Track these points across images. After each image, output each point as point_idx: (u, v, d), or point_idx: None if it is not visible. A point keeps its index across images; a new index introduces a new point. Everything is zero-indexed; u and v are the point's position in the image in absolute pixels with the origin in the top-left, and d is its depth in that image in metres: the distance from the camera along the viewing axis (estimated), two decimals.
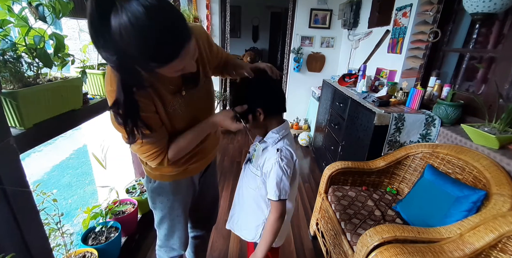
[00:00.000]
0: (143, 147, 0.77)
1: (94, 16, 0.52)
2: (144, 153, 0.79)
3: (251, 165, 0.96)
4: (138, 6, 0.50)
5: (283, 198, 0.84)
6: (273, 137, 0.88)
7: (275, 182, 0.83)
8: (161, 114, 0.78)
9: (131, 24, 0.50)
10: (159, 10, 0.52)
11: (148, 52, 0.55)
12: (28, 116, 0.74)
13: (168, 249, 1.12)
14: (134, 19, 0.50)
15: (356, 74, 2.44)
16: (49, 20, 0.77)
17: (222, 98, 3.67)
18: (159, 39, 0.54)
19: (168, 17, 0.54)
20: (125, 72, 0.61)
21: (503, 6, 1.24)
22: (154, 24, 0.52)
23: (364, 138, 1.73)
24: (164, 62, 0.59)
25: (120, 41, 0.53)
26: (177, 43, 0.57)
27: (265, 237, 0.88)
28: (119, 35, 0.52)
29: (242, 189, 1.03)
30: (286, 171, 0.83)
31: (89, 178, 2.91)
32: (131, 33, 0.51)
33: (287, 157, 0.85)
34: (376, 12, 2.51)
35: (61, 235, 1.15)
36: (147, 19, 0.51)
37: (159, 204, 1.01)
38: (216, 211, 1.30)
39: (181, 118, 0.84)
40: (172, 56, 0.58)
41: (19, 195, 0.69)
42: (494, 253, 0.89)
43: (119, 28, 0.51)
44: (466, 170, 1.27)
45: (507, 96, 1.37)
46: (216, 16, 3.35)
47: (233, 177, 2.55)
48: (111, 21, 0.52)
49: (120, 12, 0.51)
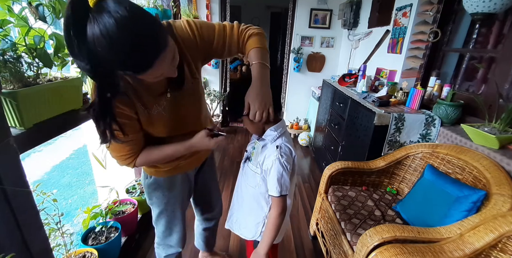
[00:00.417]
0: (114, 146, 0.78)
1: (70, 25, 0.53)
2: (114, 152, 0.81)
3: (250, 163, 0.97)
4: (109, 18, 0.51)
5: (284, 194, 0.86)
6: (271, 134, 0.90)
7: (276, 178, 0.84)
8: (143, 118, 0.79)
9: (102, 36, 0.51)
10: (130, 22, 0.52)
11: (121, 62, 0.56)
12: (28, 116, 0.74)
13: (166, 246, 1.14)
14: (105, 30, 0.51)
15: (356, 74, 2.44)
16: (49, 20, 0.77)
17: (222, 99, 3.67)
18: (131, 50, 0.54)
19: (140, 28, 0.54)
20: (100, 79, 0.61)
21: (503, 6, 1.24)
22: (124, 35, 0.52)
23: (364, 138, 1.73)
24: (139, 71, 0.60)
25: (94, 51, 0.53)
26: (150, 53, 0.57)
27: (267, 234, 0.90)
28: (93, 45, 0.52)
29: (241, 187, 1.04)
30: (286, 167, 0.85)
31: (89, 178, 2.91)
32: (103, 44, 0.52)
33: (287, 153, 0.87)
34: (376, 12, 2.51)
35: (61, 235, 1.15)
36: (118, 31, 0.51)
37: (156, 200, 1.04)
38: (220, 204, 1.36)
39: (166, 120, 0.84)
40: (146, 65, 0.59)
41: (19, 195, 0.69)
42: (494, 253, 0.89)
43: (93, 38, 0.52)
44: (466, 170, 1.27)
45: (507, 96, 1.37)
46: (216, 16, 3.35)
47: (233, 176, 2.55)
48: (87, 31, 0.52)
49: (93, 23, 0.51)
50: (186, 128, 0.92)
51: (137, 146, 0.82)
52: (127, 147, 0.80)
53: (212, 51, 0.86)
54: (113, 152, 0.81)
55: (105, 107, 0.66)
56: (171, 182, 1.02)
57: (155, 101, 0.80)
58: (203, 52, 0.85)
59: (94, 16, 0.51)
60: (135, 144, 0.81)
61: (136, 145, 0.82)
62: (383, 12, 2.35)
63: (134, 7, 0.54)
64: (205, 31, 0.82)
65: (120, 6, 0.52)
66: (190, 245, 1.60)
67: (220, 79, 3.71)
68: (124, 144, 0.78)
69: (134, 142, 0.80)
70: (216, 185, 1.31)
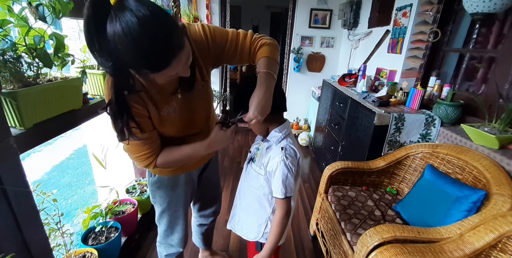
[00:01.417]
0: (134, 147, 0.79)
1: (91, 22, 0.54)
2: (134, 153, 0.81)
3: (254, 164, 0.97)
4: (132, 16, 0.52)
5: (289, 195, 0.86)
6: (276, 136, 0.89)
7: (281, 180, 0.84)
8: (154, 118, 0.80)
9: (124, 34, 0.52)
10: (151, 21, 0.53)
11: (140, 60, 0.57)
12: (28, 116, 0.74)
13: (167, 245, 1.15)
14: (127, 29, 0.52)
15: (356, 74, 2.44)
16: (49, 20, 0.77)
17: (222, 99, 3.67)
18: (151, 49, 0.55)
19: (161, 27, 0.55)
20: (118, 77, 0.63)
21: (503, 6, 1.24)
22: (146, 34, 0.53)
23: (364, 138, 1.73)
24: (156, 70, 0.61)
25: (114, 48, 0.54)
26: (168, 53, 0.59)
27: (272, 235, 0.89)
28: (114, 42, 0.53)
29: (244, 188, 1.03)
30: (291, 168, 0.85)
31: (89, 178, 2.91)
32: (124, 42, 0.53)
33: (291, 155, 0.87)
34: (376, 12, 2.51)
35: (61, 235, 1.15)
36: (140, 29, 0.52)
37: (159, 198, 1.04)
38: (219, 203, 1.36)
39: (176, 122, 0.85)
40: (164, 64, 0.60)
41: (19, 195, 0.69)
42: (494, 253, 0.89)
43: (114, 36, 0.53)
44: (466, 170, 1.27)
45: (507, 96, 1.37)
46: (216, 16, 3.35)
47: (233, 177, 2.55)
48: (107, 28, 0.53)
49: (114, 21, 0.52)
50: (194, 129, 0.93)
51: (155, 144, 0.82)
52: (145, 145, 0.79)
53: (224, 56, 0.87)
54: (132, 152, 0.81)
55: (122, 105, 0.68)
56: (174, 181, 1.02)
57: (165, 102, 0.80)
58: (214, 56, 0.86)
59: (116, 13, 0.52)
60: (153, 142, 0.81)
61: (154, 143, 0.81)
62: (383, 12, 2.35)
63: (155, 7, 0.56)
64: (218, 35, 0.83)
65: (142, 5, 0.53)
66: (190, 245, 1.60)
67: (220, 79, 3.72)
68: (142, 142, 0.78)
69: (151, 140, 0.80)
70: (218, 185, 1.32)
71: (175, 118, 0.84)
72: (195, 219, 1.39)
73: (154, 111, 0.79)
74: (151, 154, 0.81)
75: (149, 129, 0.79)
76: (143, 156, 0.81)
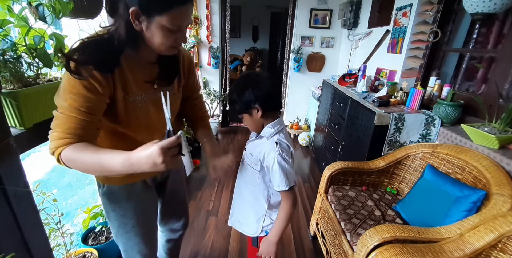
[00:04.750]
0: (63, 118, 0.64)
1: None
2: (55, 126, 0.65)
3: (249, 160, 0.99)
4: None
5: (292, 185, 0.88)
6: (268, 131, 0.92)
7: (282, 172, 0.87)
8: (120, 104, 0.73)
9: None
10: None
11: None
12: (28, 116, 0.74)
13: None
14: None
15: (356, 74, 2.44)
16: (49, 20, 0.77)
17: (222, 98, 3.67)
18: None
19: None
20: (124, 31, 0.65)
21: (503, 6, 1.24)
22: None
23: (364, 138, 1.73)
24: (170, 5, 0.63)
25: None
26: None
27: (280, 222, 0.92)
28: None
29: (241, 185, 1.06)
30: (288, 160, 0.89)
31: (89, 178, 2.90)
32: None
33: (285, 148, 0.90)
34: (376, 12, 2.51)
35: (61, 235, 1.15)
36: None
37: (112, 213, 0.89)
38: (187, 215, 1.24)
39: (138, 114, 0.78)
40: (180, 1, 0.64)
41: (19, 195, 0.69)
42: (494, 253, 0.89)
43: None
44: (466, 170, 1.27)
45: (507, 96, 1.37)
46: (216, 16, 3.35)
47: (233, 176, 2.54)
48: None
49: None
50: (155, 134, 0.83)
51: (82, 130, 0.64)
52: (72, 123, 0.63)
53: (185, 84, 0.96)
54: (55, 124, 0.64)
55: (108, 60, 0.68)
56: (128, 191, 0.88)
57: (137, 87, 0.75)
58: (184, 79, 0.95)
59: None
60: (83, 127, 0.64)
61: (81, 129, 0.64)
62: (383, 12, 2.35)
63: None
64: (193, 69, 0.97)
65: None
66: (190, 245, 1.60)
67: (220, 79, 3.72)
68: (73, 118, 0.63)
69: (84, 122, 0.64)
70: (184, 194, 1.19)
71: (140, 109, 0.77)
72: (162, 234, 1.23)
73: (122, 95, 0.72)
74: (68, 136, 0.63)
75: (93, 110, 0.66)
76: (61, 133, 0.63)
